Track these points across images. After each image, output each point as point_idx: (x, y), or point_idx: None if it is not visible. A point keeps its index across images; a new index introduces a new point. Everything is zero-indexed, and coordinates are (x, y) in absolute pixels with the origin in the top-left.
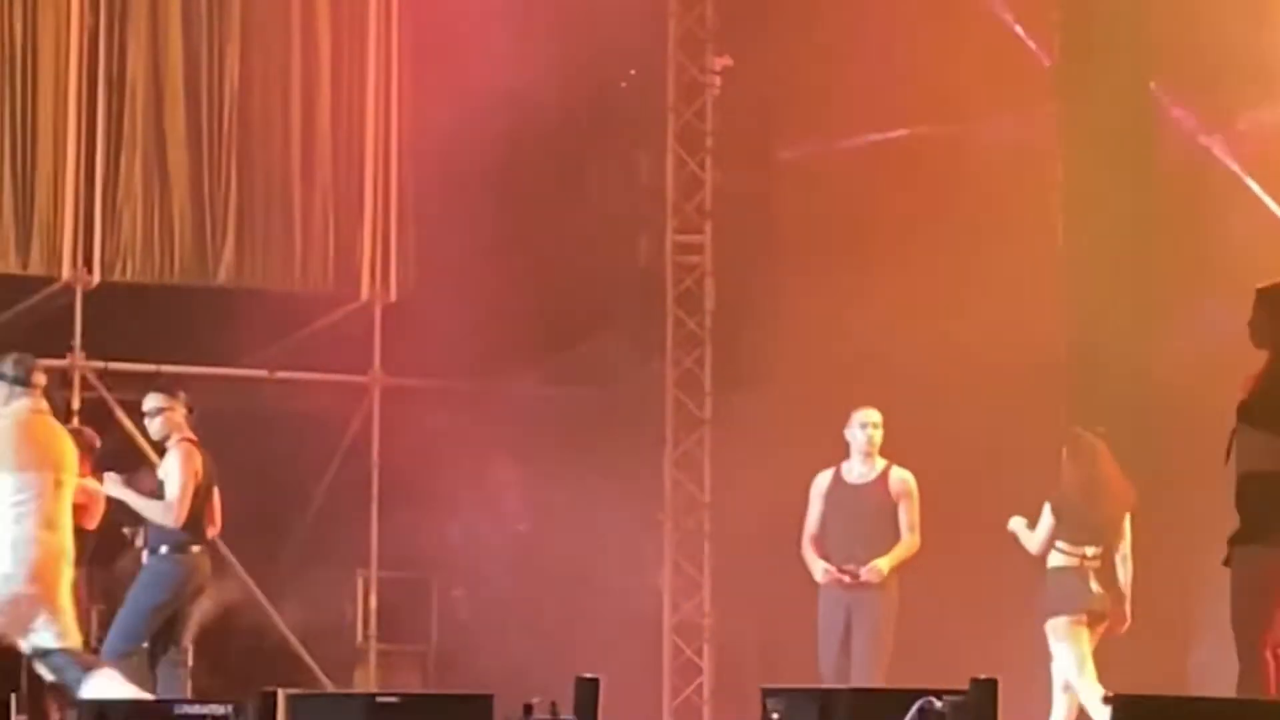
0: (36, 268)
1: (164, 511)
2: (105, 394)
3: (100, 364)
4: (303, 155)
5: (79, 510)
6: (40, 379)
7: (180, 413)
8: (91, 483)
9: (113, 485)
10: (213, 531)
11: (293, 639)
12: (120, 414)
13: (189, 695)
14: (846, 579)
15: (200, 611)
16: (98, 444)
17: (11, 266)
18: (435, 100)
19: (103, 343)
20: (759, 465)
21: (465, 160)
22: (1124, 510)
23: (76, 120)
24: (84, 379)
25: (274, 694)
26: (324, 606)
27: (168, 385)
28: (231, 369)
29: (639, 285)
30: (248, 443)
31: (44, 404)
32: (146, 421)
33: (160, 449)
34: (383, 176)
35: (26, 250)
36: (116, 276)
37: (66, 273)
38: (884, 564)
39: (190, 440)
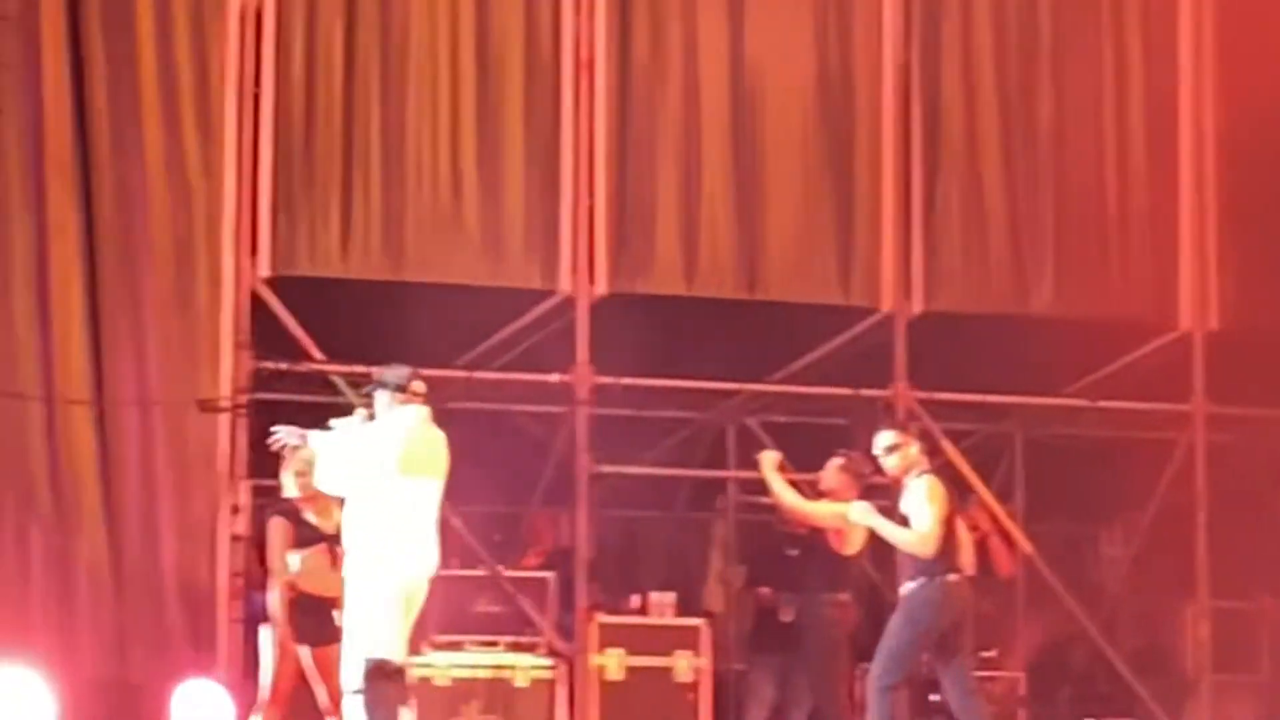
0: (858, 298)
1: (920, 542)
2: (929, 423)
3: (924, 393)
4: (1117, 178)
5: (836, 536)
6: (420, 387)
7: (915, 447)
8: (844, 508)
9: (864, 514)
10: (1008, 572)
11: (1124, 671)
12: (945, 443)
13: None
14: None
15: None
16: (866, 472)
17: (833, 297)
18: (1249, 115)
19: (924, 372)
20: None
21: None
22: None
23: (893, 151)
24: (908, 408)
25: None
26: (1154, 638)
27: (900, 422)
28: (1052, 399)
29: None
30: (1071, 471)
31: (428, 411)
32: (882, 459)
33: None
34: (1198, 198)
35: (847, 281)
36: (936, 306)
37: (887, 303)
38: None
39: (929, 472)
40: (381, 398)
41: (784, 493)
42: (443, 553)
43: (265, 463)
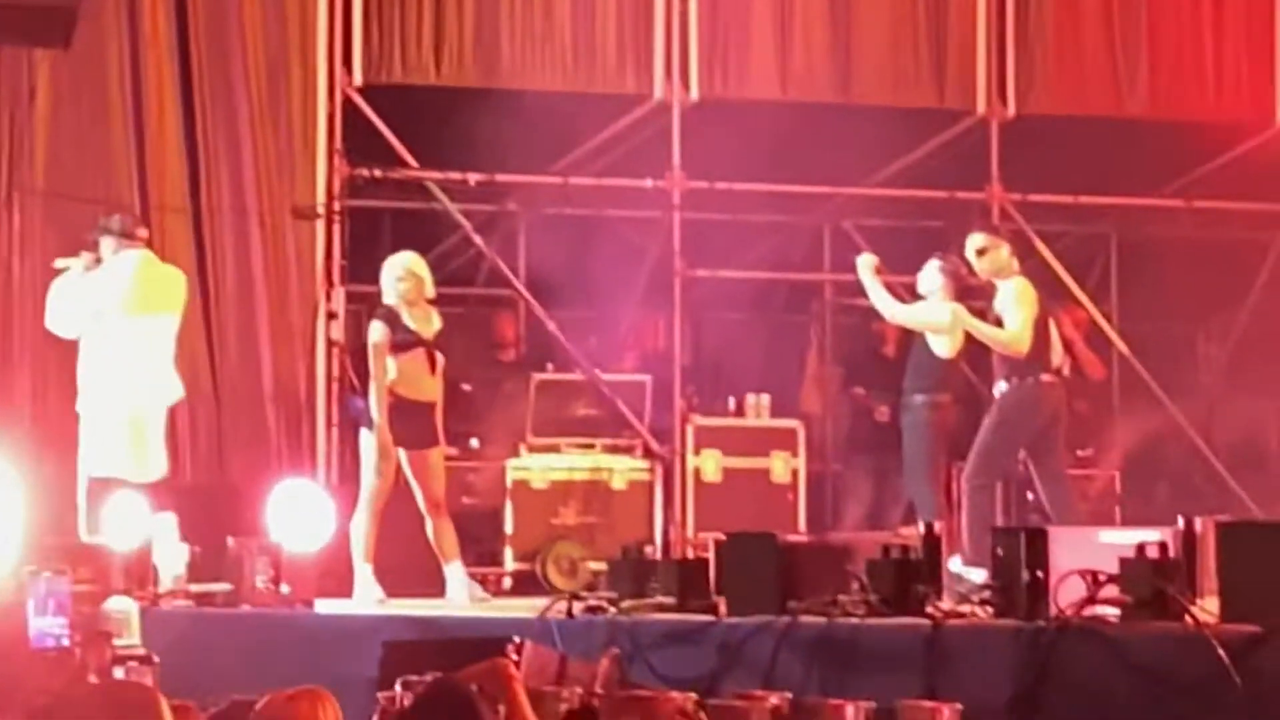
0: (953, 101)
1: (1012, 341)
2: (1024, 225)
3: (1018, 196)
4: None
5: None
6: (143, 233)
7: (1006, 249)
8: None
9: (958, 315)
10: (1098, 374)
11: (1220, 468)
12: (1039, 244)
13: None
14: None
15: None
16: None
17: (928, 100)
18: None
19: (1018, 175)
20: None
21: None
22: None
23: None
24: (1003, 210)
25: (1194, 521)
26: (1250, 436)
27: (991, 225)
28: (1146, 199)
29: None
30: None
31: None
32: (974, 262)
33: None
34: None
35: (942, 84)
36: (1031, 109)
37: (981, 106)
38: None
39: (1019, 274)
40: (107, 243)
41: (882, 296)
42: (540, 356)
43: (362, 269)
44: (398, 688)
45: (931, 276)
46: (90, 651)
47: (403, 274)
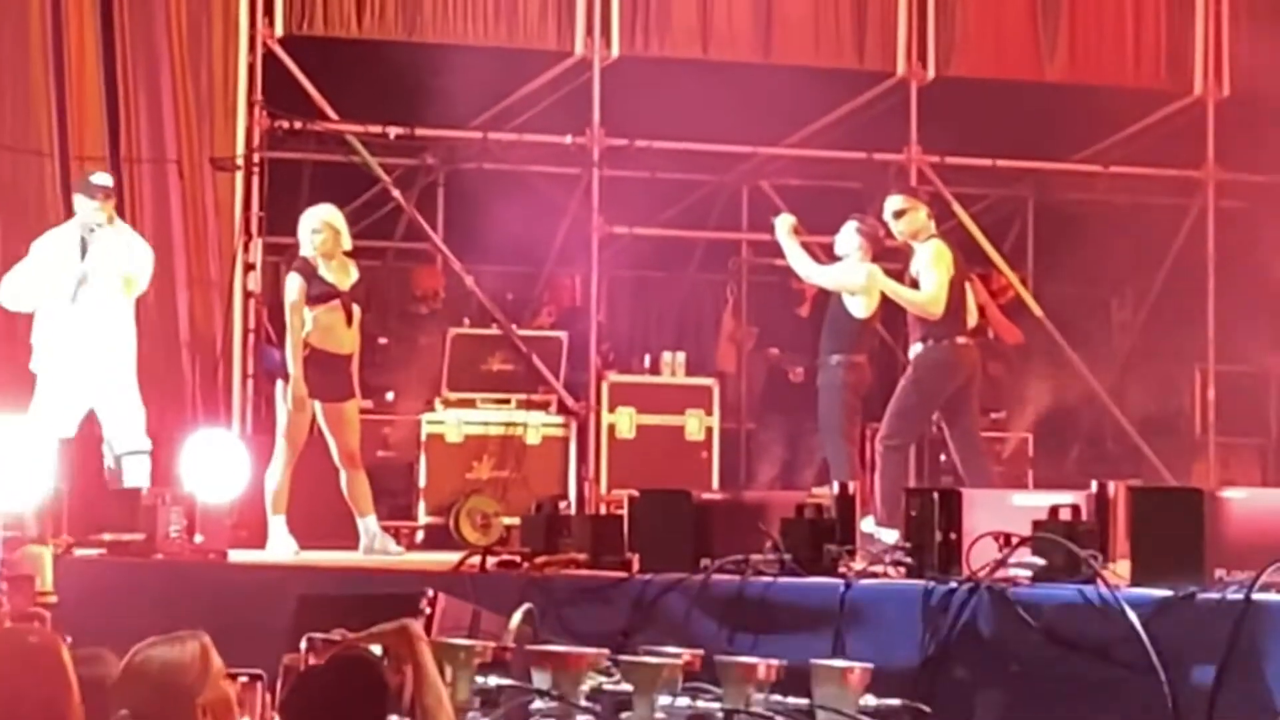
0: (873, 62)
1: (927, 303)
2: (941, 187)
3: (936, 158)
4: None
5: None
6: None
7: (924, 211)
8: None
9: (874, 276)
10: (1014, 339)
11: (1133, 432)
12: (956, 207)
13: (992, 484)
14: None
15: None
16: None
17: (848, 61)
18: None
19: (937, 137)
20: None
21: None
22: None
23: None
24: (921, 172)
25: (1107, 485)
26: (1162, 400)
27: (909, 187)
28: (1064, 164)
29: None
30: (1082, 236)
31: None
32: (891, 223)
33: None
34: None
35: (862, 46)
36: (950, 71)
37: (901, 68)
38: None
39: (936, 236)
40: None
41: (799, 256)
42: (456, 311)
43: (281, 220)
44: (302, 646)
45: (849, 238)
46: (15, 597)
47: (319, 226)
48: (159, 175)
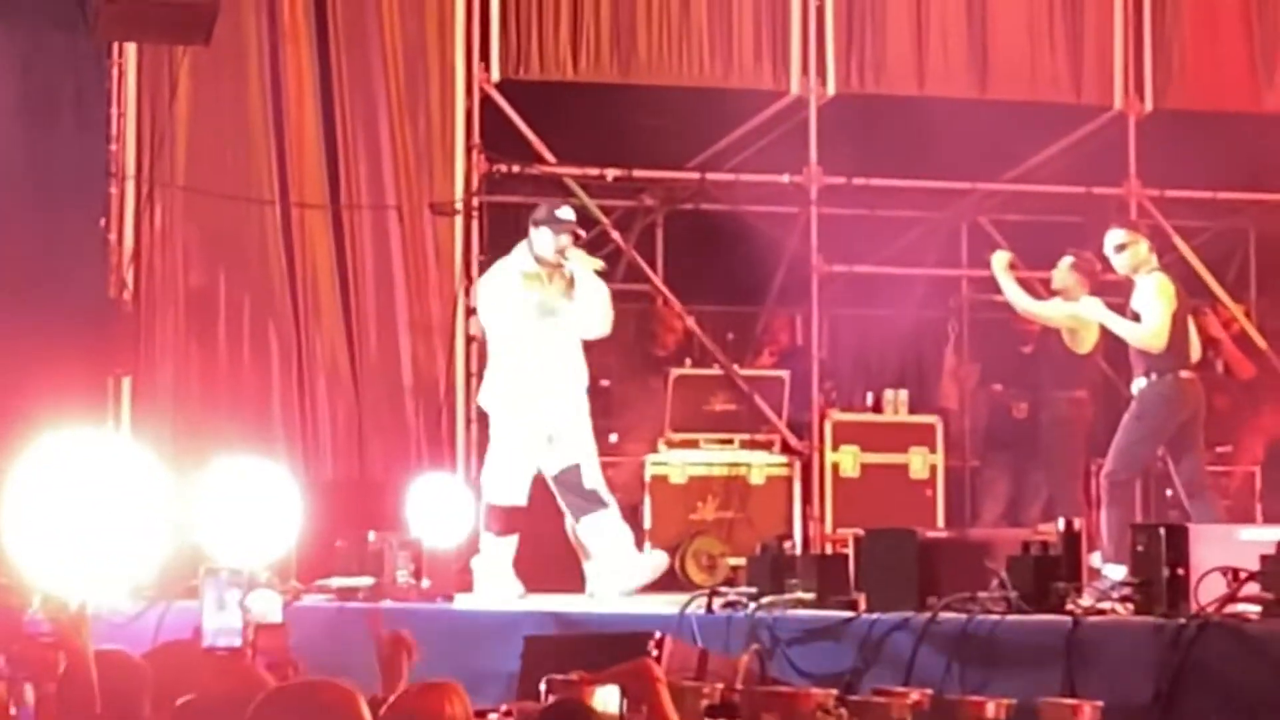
0: (1090, 96)
1: (1150, 337)
2: (1161, 221)
3: (1155, 191)
4: None
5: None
6: None
7: (1145, 244)
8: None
9: (1095, 309)
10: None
11: None
12: (1177, 240)
13: (1219, 519)
14: None
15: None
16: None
17: (1065, 96)
18: None
19: (1156, 170)
20: None
21: None
22: None
23: None
24: (1140, 206)
25: None
26: None
27: (1130, 221)
28: None
29: None
30: None
31: None
32: (1112, 257)
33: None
34: None
35: (1079, 79)
36: (1168, 104)
37: (1119, 101)
38: None
39: (1158, 269)
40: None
41: (1015, 292)
42: (679, 352)
43: None
44: (541, 687)
45: (1064, 273)
46: (265, 646)
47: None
48: (379, 221)
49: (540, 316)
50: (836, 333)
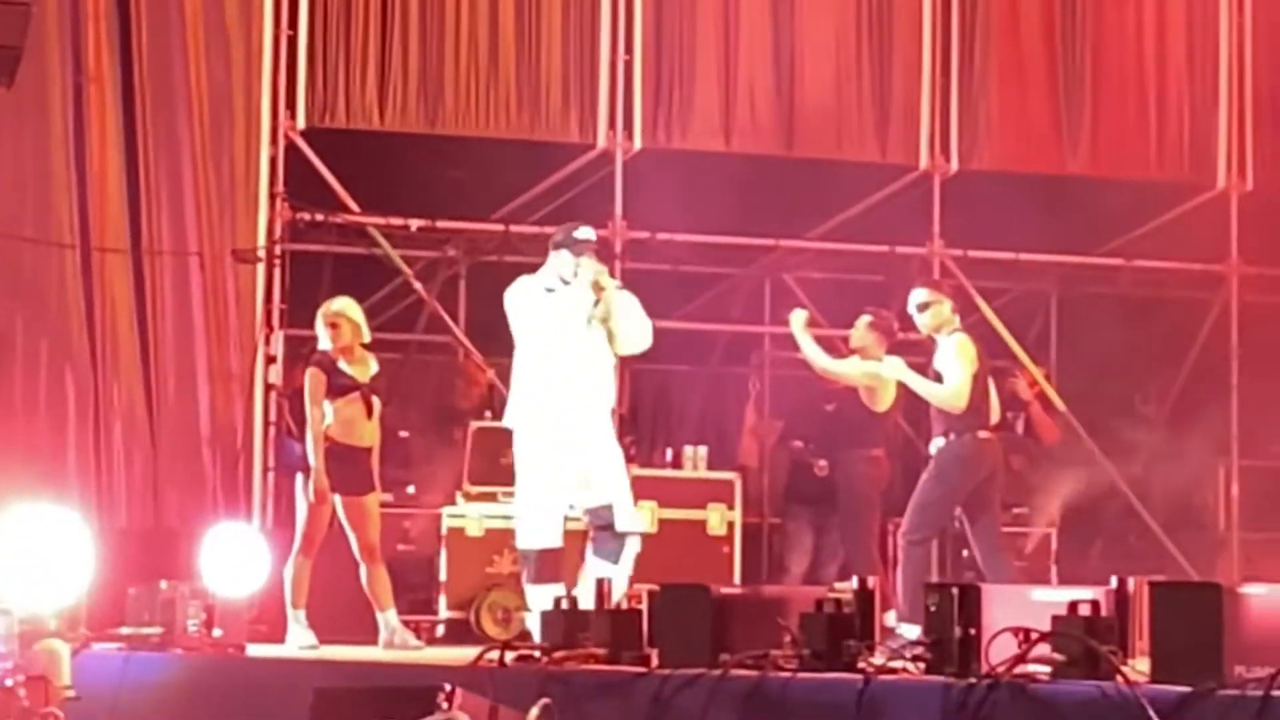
0: (896, 155)
1: (951, 397)
2: (964, 281)
3: (959, 251)
4: (1156, 41)
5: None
6: None
7: (948, 305)
8: (875, 364)
9: (896, 368)
10: (1052, 438)
11: (1156, 528)
12: (979, 301)
13: (1013, 580)
14: None
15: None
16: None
17: (871, 154)
18: None
19: (960, 230)
20: None
21: None
22: None
23: (932, 8)
24: (943, 265)
25: (1127, 580)
26: (1186, 495)
27: (933, 280)
28: (1087, 258)
29: None
30: (1105, 330)
31: None
32: (915, 317)
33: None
34: (1238, 60)
35: (885, 139)
36: (972, 165)
37: (924, 161)
38: None
39: (960, 330)
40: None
41: (813, 350)
42: (484, 405)
43: (302, 313)
44: None
45: (862, 332)
46: (31, 696)
47: (335, 320)
48: (180, 267)
49: (569, 331)
50: (638, 388)
